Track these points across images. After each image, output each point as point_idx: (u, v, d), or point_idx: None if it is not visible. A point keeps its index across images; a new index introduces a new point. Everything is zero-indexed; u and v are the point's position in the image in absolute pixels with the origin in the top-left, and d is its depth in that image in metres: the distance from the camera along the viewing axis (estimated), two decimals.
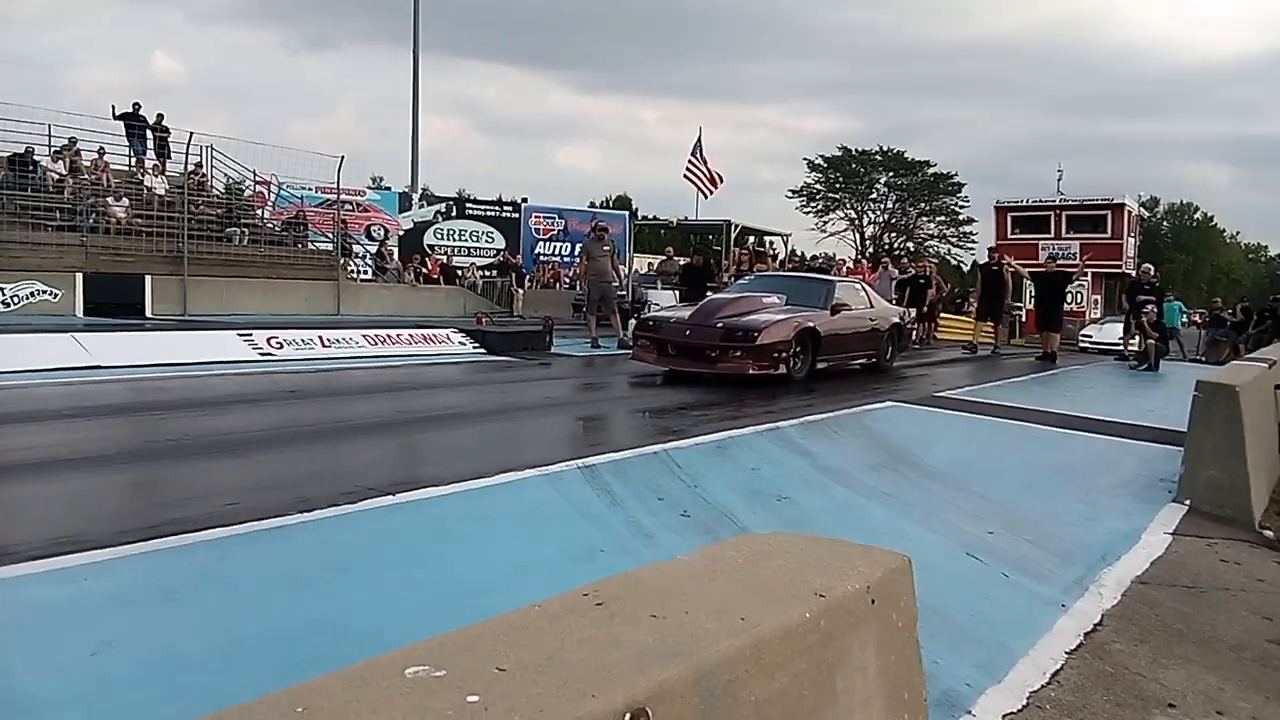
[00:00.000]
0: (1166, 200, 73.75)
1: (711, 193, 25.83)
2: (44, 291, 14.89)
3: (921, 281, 17.51)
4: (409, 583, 3.69)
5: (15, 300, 14.51)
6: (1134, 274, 24.40)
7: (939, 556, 4.66)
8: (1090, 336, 23.79)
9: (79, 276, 15.44)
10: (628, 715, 1.03)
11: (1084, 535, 5.23)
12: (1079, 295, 27.69)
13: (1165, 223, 74.55)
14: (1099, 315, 28.28)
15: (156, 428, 6.60)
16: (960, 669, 3.39)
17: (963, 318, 29.05)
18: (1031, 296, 18.00)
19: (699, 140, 26.06)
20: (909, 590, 1.69)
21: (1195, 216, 75.25)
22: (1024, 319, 22.78)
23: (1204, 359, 20.44)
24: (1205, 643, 3.85)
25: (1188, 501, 5.98)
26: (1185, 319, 28.05)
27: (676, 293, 17.28)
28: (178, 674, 2.77)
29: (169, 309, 16.27)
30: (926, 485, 6.07)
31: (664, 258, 20.53)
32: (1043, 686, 3.32)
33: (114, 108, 19.86)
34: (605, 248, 14.56)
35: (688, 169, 25.58)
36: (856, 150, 58.14)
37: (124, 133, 19.89)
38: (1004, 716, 3.08)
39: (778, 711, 1.28)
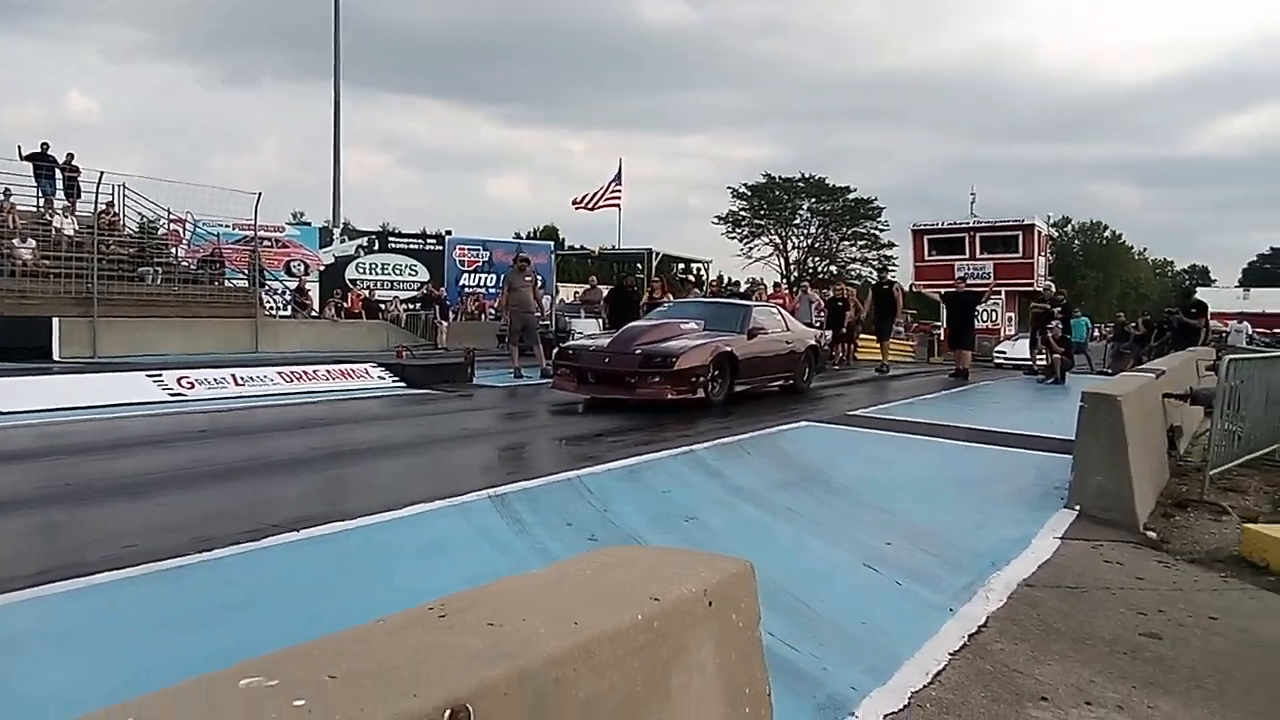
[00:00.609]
0: (1078, 219, 76.73)
1: (591, 208, 26.45)
2: None
3: (840, 304, 17.95)
4: (312, 615, 3.70)
5: None
6: (1041, 292, 25.45)
7: (838, 569, 4.83)
8: (1004, 353, 24.55)
9: None
10: (448, 712, 1.12)
11: (977, 543, 5.45)
12: (994, 313, 28.69)
13: (1077, 240, 77.47)
14: (1013, 332, 29.22)
15: (55, 472, 6.44)
16: (848, 674, 3.53)
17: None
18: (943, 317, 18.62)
19: (619, 171, 26.49)
20: (751, 593, 1.81)
21: (1105, 235, 78.37)
22: (941, 337, 23.48)
23: (1109, 371, 21.27)
24: (1081, 639, 4.06)
25: (1077, 507, 6.27)
26: (1093, 333, 29.23)
27: (601, 321, 17.43)
28: (62, 716, 2.75)
29: (78, 351, 15.81)
30: (832, 501, 6.25)
31: (588, 286, 20.71)
32: (924, 686, 3.47)
33: (20, 149, 19.31)
34: (527, 278, 14.65)
35: (593, 195, 26.12)
36: (780, 178, 59.51)
37: (31, 173, 19.36)
38: (885, 716, 3.22)
39: (609, 706, 1.39)
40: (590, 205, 26.41)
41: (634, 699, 1.44)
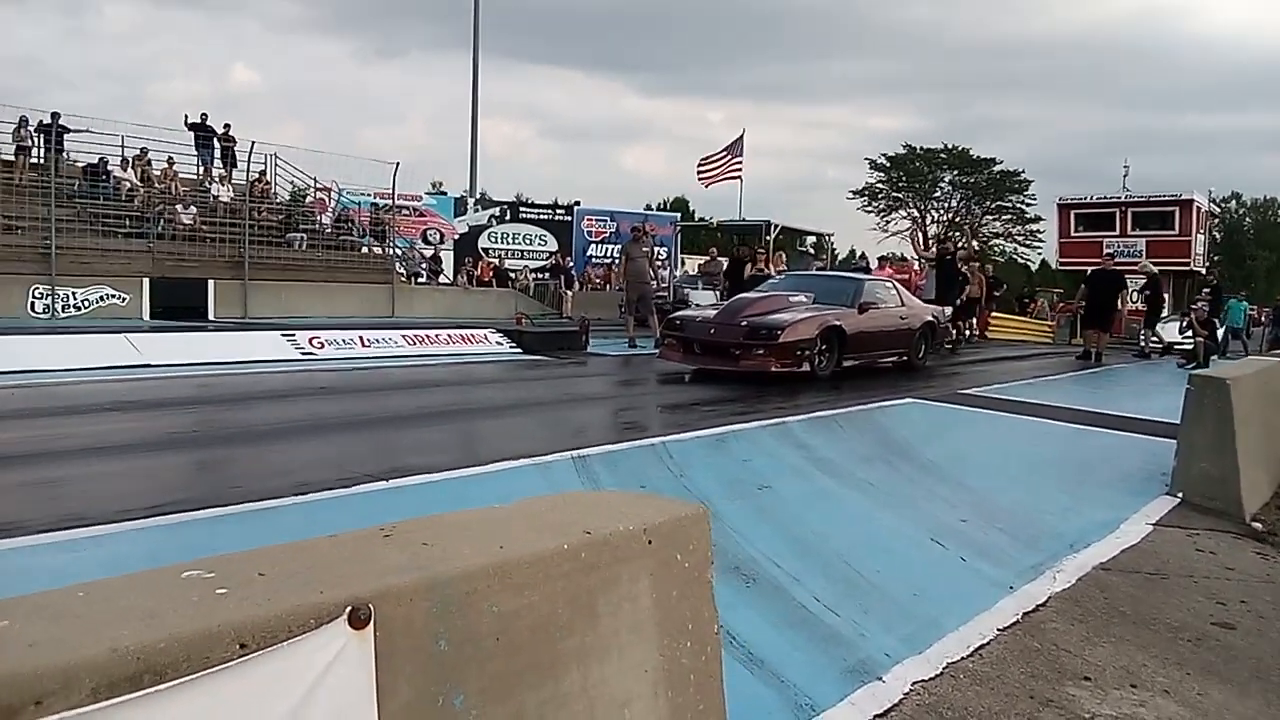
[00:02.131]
0: (1249, 195, 71.07)
1: (710, 182, 26.19)
2: (112, 295, 15.71)
3: (960, 279, 17.34)
4: None
5: (85, 304, 15.34)
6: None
7: (901, 541, 4.82)
8: (1154, 336, 23.24)
9: (146, 281, 16.25)
10: (350, 607, 1.29)
11: (1059, 525, 5.31)
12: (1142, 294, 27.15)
13: (1248, 218, 71.89)
14: (1166, 314, 27.56)
15: (182, 421, 7.05)
16: (885, 641, 3.57)
17: (1020, 318, 28.67)
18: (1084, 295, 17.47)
19: (740, 139, 26.29)
20: (702, 536, 1.90)
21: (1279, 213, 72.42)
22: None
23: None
24: (1145, 624, 3.95)
25: (1180, 494, 6.00)
26: (1257, 316, 27.24)
27: (719, 292, 17.45)
28: None
29: (230, 312, 17.00)
30: (915, 477, 6.19)
31: (707, 258, 20.73)
32: (963, 658, 3.47)
33: (186, 117, 20.83)
34: (644, 249, 14.84)
35: (714, 167, 25.95)
36: (920, 148, 57.47)
37: (193, 142, 20.88)
38: (914, 683, 3.25)
39: (527, 621, 1.53)
40: (707, 180, 26.30)
41: (555, 617, 1.58)
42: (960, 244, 24.12)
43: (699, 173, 26.72)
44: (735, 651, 3.22)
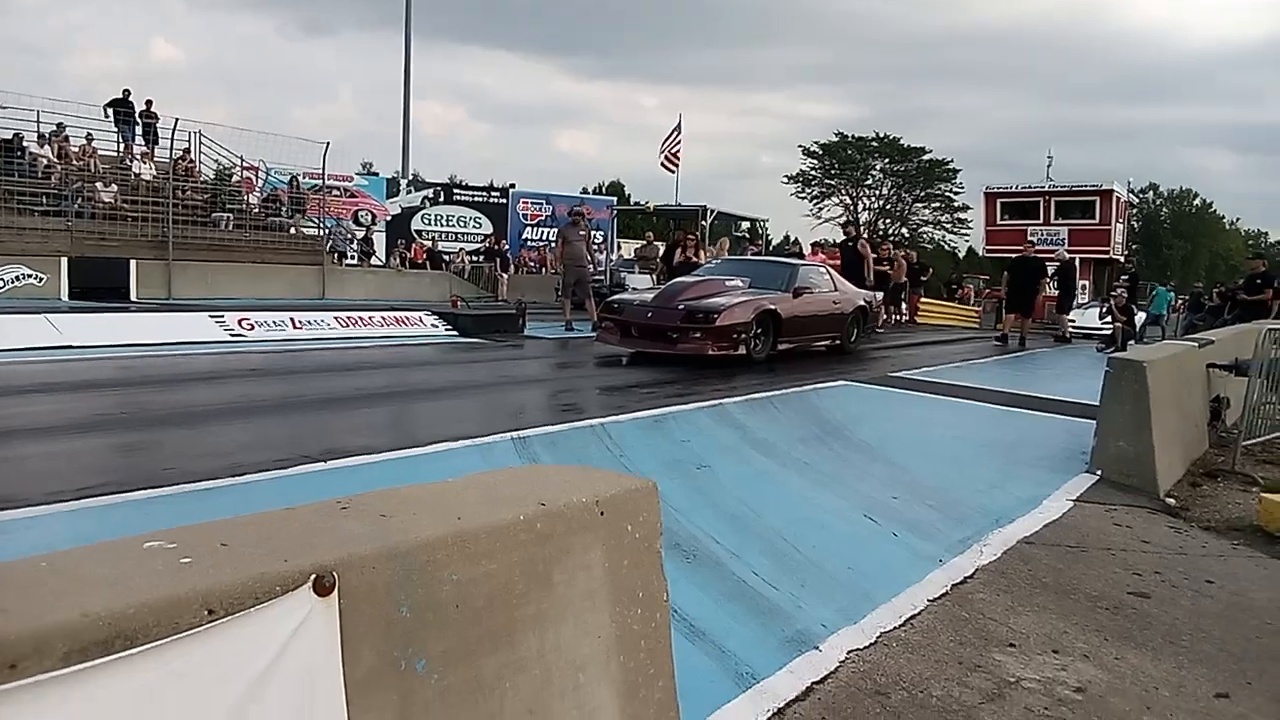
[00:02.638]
0: (1166, 186, 73.62)
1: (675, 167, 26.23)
2: (29, 275, 15.16)
3: (885, 263, 17.75)
4: None
5: (0, 284, 14.77)
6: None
7: (837, 518, 4.95)
8: (1073, 321, 24.01)
9: (64, 261, 15.70)
10: (314, 575, 1.31)
11: (986, 501, 5.50)
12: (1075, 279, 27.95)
13: (1165, 209, 74.44)
14: (1085, 300, 28.50)
15: (111, 402, 6.88)
16: (821, 613, 3.68)
17: (947, 303, 29.40)
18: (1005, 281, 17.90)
19: (679, 125, 26.35)
20: (651, 508, 1.96)
21: (1194, 203, 75.08)
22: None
23: None
24: (1066, 594, 4.13)
25: (1099, 471, 6.26)
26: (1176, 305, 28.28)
27: (655, 276, 17.53)
28: None
29: (154, 293, 16.53)
30: (848, 456, 6.35)
31: (643, 243, 20.80)
32: (895, 628, 3.60)
33: (105, 111, 20.00)
34: (581, 232, 14.82)
35: (668, 156, 25.92)
36: (853, 137, 58.40)
37: (113, 120, 20.17)
38: (849, 652, 3.36)
39: (485, 589, 1.57)
40: (671, 165, 26.24)
41: (511, 585, 1.62)
42: (885, 233, 24.63)
43: (665, 161, 26.55)
44: (678, 624, 3.28)
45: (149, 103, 20.97)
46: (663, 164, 26.40)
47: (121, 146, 20.40)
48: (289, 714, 1.27)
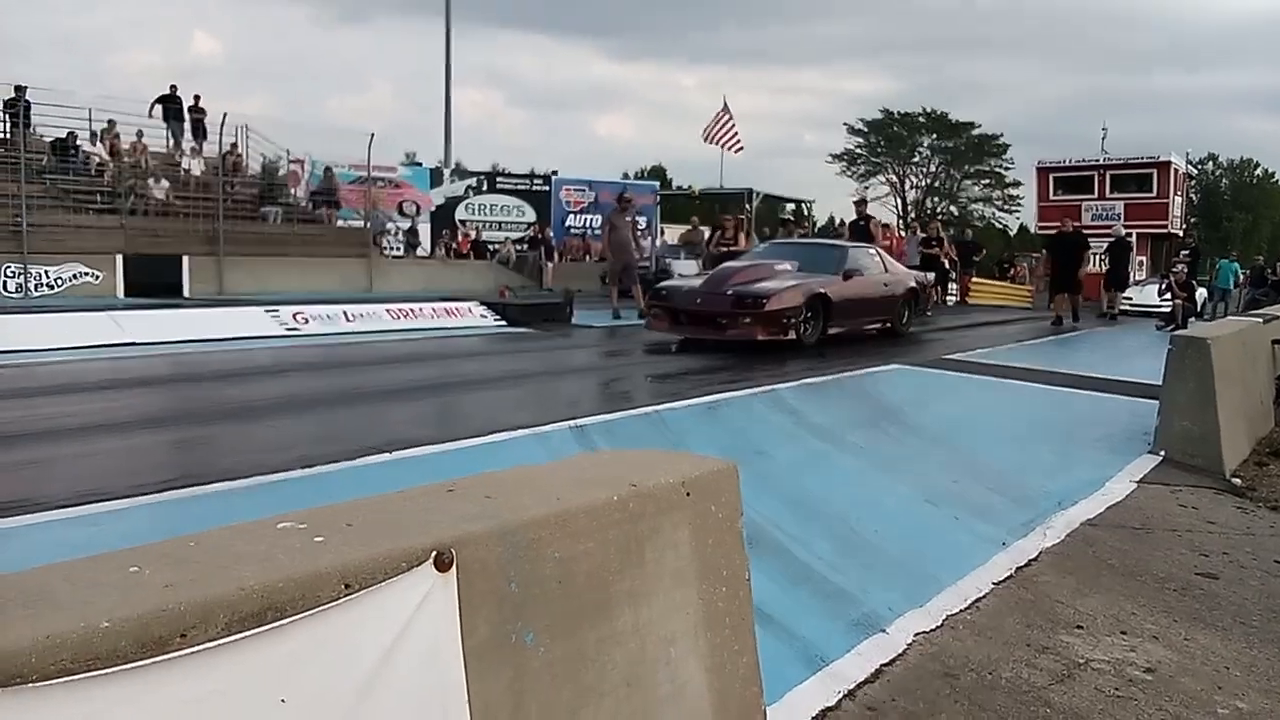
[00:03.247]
0: (1225, 156, 71.55)
1: (739, 147, 25.96)
2: (86, 273, 15.55)
3: (934, 244, 17.56)
4: None
5: (59, 282, 15.19)
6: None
7: (897, 502, 4.98)
8: (1130, 299, 23.56)
9: (119, 258, 16.06)
10: (435, 552, 1.39)
11: (1048, 484, 5.49)
12: (1130, 256, 27.35)
13: (1225, 180, 72.45)
14: (1144, 277, 27.91)
15: (178, 397, 7.10)
16: (886, 596, 3.71)
17: (1000, 283, 28.96)
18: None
19: (725, 107, 26.18)
20: (732, 489, 2.02)
21: (1256, 173, 72.99)
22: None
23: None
24: (1132, 575, 4.12)
25: (1163, 452, 6.20)
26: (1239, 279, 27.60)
27: (701, 262, 17.53)
28: None
29: (206, 288, 16.86)
30: (905, 440, 6.35)
31: (689, 228, 20.78)
32: (960, 611, 3.63)
33: (150, 107, 20.37)
34: (628, 219, 14.87)
35: (716, 132, 25.70)
36: (898, 113, 57.51)
37: (161, 115, 20.57)
38: (916, 634, 3.40)
39: (584, 566, 1.64)
40: (716, 140, 25.96)
41: (608, 562, 1.70)
42: (934, 211, 24.34)
43: (711, 139, 26.28)
44: None
45: (197, 98, 21.31)
46: (724, 147, 26.09)
47: (171, 142, 20.81)
48: (416, 680, 1.35)
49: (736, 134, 26.05)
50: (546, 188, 28.34)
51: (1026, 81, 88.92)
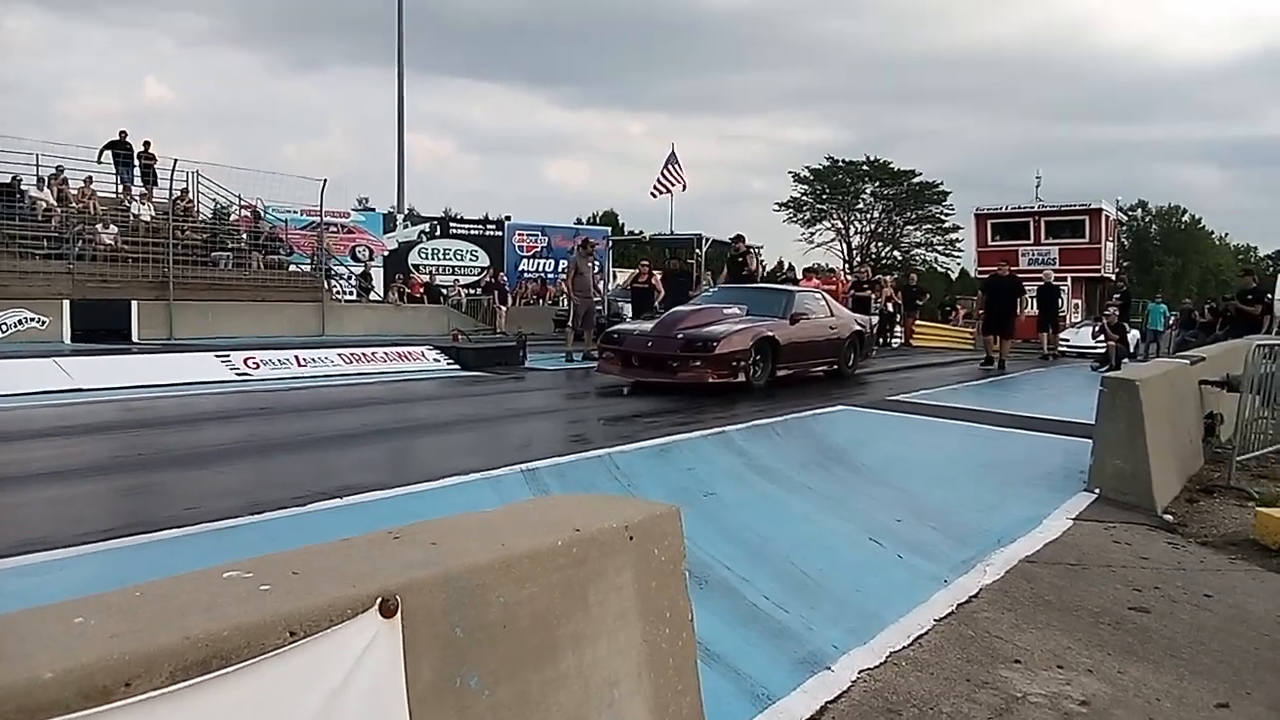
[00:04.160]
0: (1155, 203, 74.23)
1: (664, 192, 26.33)
2: (31, 319, 15.28)
3: (865, 287, 17.99)
4: None
5: (3, 328, 14.89)
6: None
7: (842, 541, 5.07)
8: (1067, 340, 24.22)
9: (66, 303, 15.83)
10: (380, 599, 1.44)
11: (987, 522, 5.63)
12: (1059, 300, 28.23)
13: (1154, 225, 75.00)
14: (1079, 319, 28.70)
15: (130, 443, 6.99)
16: (831, 633, 3.79)
17: (943, 326, 29.60)
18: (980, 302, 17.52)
19: (673, 154, 26.60)
20: (675, 533, 2.09)
21: (1183, 219, 75.66)
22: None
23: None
24: (1069, 610, 4.24)
25: (1097, 490, 6.39)
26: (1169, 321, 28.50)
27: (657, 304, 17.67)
28: None
29: (155, 333, 16.64)
30: (851, 480, 6.47)
31: (637, 272, 20.94)
32: (904, 647, 3.71)
33: (99, 153, 20.21)
34: (591, 263, 15.04)
35: (660, 182, 26.09)
36: (843, 161, 58.99)
37: (111, 161, 20.39)
38: (860, 671, 3.47)
39: (528, 610, 1.69)
40: (664, 188, 26.25)
41: (552, 606, 1.75)
42: (878, 257, 24.89)
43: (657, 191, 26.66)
44: None
45: (147, 144, 21.18)
46: (654, 190, 26.49)
47: (120, 188, 20.60)
48: None
49: (679, 178, 26.47)
50: (500, 232, 28.52)
51: (963, 130, 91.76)
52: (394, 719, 1.45)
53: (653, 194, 26.67)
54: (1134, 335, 20.56)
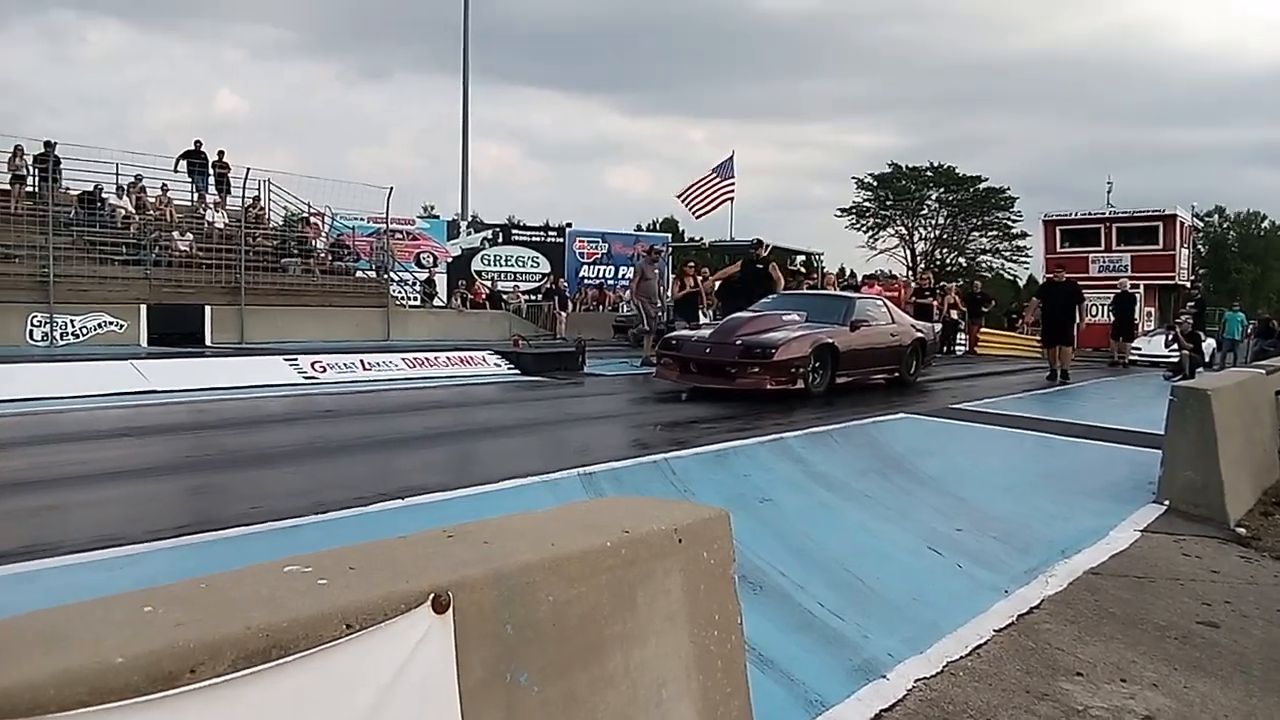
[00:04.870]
0: (1233, 209, 71.82)
1: (702, 212, 26.25)
2: (110, 323, 15.85)
3: (926, 294, 17.76)
4: None
5: (84, 331, 15.47)
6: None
7: (900, 550, 5.01)
8: (1139, 349, 23.62)
9: (143, 308, 16.38)
10: (433, 595, 1.48)
11: (1050, 532, 5.51)
12: (1135, 308, 27.48)
13: (1232, 232, 72.60)
14: (1152, 328, 27.94)
15: (202, 443, 7.23)
16: (887, 642, 3.75)
17: (1008, 333, 29.01)
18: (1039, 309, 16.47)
19: (730, 160, 26.54)
20: (724, 537, 2.10)
21: (1263, 225, 73.12)
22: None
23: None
24: (1134, 624, 4.15)
25: (1166, 502, 6.22)
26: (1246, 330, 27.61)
27: (712, 312, 17.66)
28: None
29: (228, 337, 17.14)
30: (911, 489, 6.39)
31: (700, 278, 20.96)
32: (962, 657, 3.66)
33: (176, 162, 20.93)
34: (657, 269, 15.12)
35: (704, 194, 26.06)
36: (907, 167, 58.17)
37: (186, 170, 21.11)
38: (916, 680, 3.43)
39: (577, 609, 1.72)
40: (699, 209, 26.24)
41: (600, 606, 1.78)
42: (943, 263, 24.61)
43: (688, 204, 26.68)
44: (747, 653, 3.40)
45: (221, 153, 21.86)
46: (699, 209, 26.39)
47: (195, 196, 21.30)
48: (414, 717, 1.43)
49: (727, 192, 26.29)
50: (560, 239, 28.78)
51: (1030, 135, 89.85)
52: (445, 712, 1.49)
53: (696, 215, 26.64)
54: (1209, 344, 19.99)
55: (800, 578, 4.43)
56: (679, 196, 26.70)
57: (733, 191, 26.55)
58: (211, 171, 21.57)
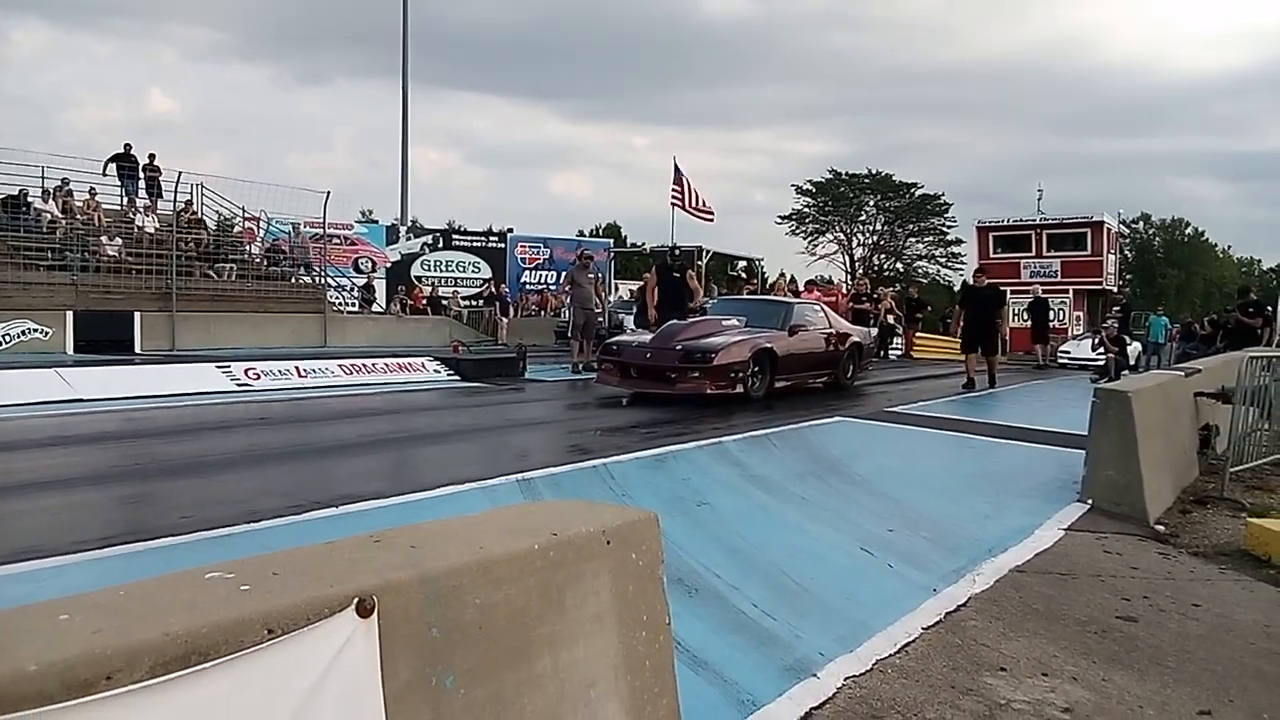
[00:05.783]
0: (1158, 216, 74.33)
1: (710, 218, 26.29)
2: (35, 330, 15.38)
3: (863, 300, 18.18)
4: None
5: (6, 339, 14.98)
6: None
7: (833, 551, 5.11)
8: (1068, 353, 24.32)
9: (69, 314, 15.93)
10: (357, 598, 1.49)
11: (979, 532, 5.66)
12: (1059, 312, 28.34)
13: (1157, 238, 75.08)
14: (1080, 332, 28.76)
15: (130, 453, 7.05)
16: (818, 641, 3.82)
17: (943, 337, 29.62)
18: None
19: (676, 168, 26.66)
20: (653, 538, 2.14)
21: (1186, 232, 75.72)
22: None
23: None
24: (1056, 619, 4.28)
25: (1090, 500, 6.42)
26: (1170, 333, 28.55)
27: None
28: None
29: (158, 344, 16.74)
30: (845, 491, 6.50)
31: (641, 284, 21.07)
32: (890, 655, 3.74)
33: (104, 165, 20.37)
34: (589, 275, 15.11)
35: (674, 198, 26.11)
36: (845, 174, 59.11)
37: (116, 173, 20.56)
38: (846, 678, 3.50)
39: (505, 612, 1.74)
40: (703, 213, 26.08)
41: (528, 608, 1.80)
42: (880, 269, 25.07)
43: (698, 212, 26.35)
44: (681, 655, 3.42)
45: (152, 156, 21.36)
46: (686, 210, 26.27)
47: (125, 200, 20.76)
48: None
49: (706, 203, 26.45)
50: (502, 245, 28.65)
51: (965, 143, 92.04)
52: (369, 715, 1.49)
53: (709, 220, 26.57)
54: (1135, 348, 20.67)
55: (736, 579, 4.49)
56: (681, 207, 26.30)
57: (679, 198, 26.65)
58: (142, 175, 21.06)
